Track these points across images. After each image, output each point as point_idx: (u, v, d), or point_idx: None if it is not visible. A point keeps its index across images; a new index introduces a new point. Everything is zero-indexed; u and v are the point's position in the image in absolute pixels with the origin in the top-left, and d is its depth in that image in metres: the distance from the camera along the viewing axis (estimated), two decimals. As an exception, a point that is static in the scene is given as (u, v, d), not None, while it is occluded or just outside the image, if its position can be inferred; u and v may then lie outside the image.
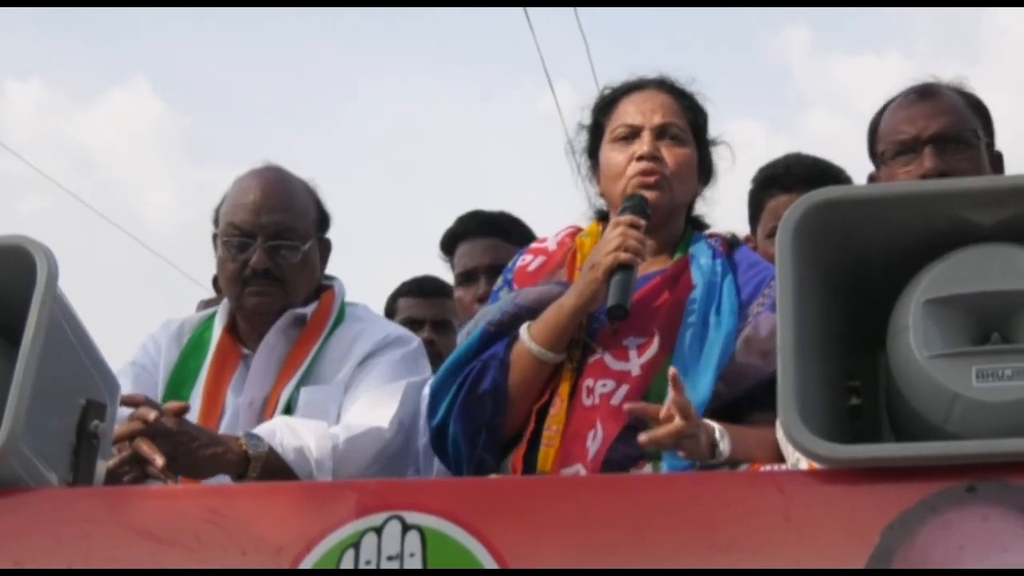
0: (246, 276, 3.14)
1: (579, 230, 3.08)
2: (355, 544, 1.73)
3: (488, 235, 4.05)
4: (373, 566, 1.71)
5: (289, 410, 3.04)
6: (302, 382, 3.10)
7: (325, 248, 3.33)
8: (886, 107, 3.15)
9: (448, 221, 4.21)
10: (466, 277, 4.01)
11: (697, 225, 3.06)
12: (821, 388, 1.78)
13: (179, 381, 3.17)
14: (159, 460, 2.59)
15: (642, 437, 2.51)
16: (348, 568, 1.71)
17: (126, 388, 2.59)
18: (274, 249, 3.14)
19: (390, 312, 4.47)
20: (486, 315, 2.95)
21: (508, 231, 4.04)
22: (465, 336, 2.97)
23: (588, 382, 2.79)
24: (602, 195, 3.04)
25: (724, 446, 2.59)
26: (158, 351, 3.25)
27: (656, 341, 2.81)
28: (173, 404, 2.79)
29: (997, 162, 3.10)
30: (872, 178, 3.14)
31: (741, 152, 3.10)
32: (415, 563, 1.71)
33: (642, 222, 2.80)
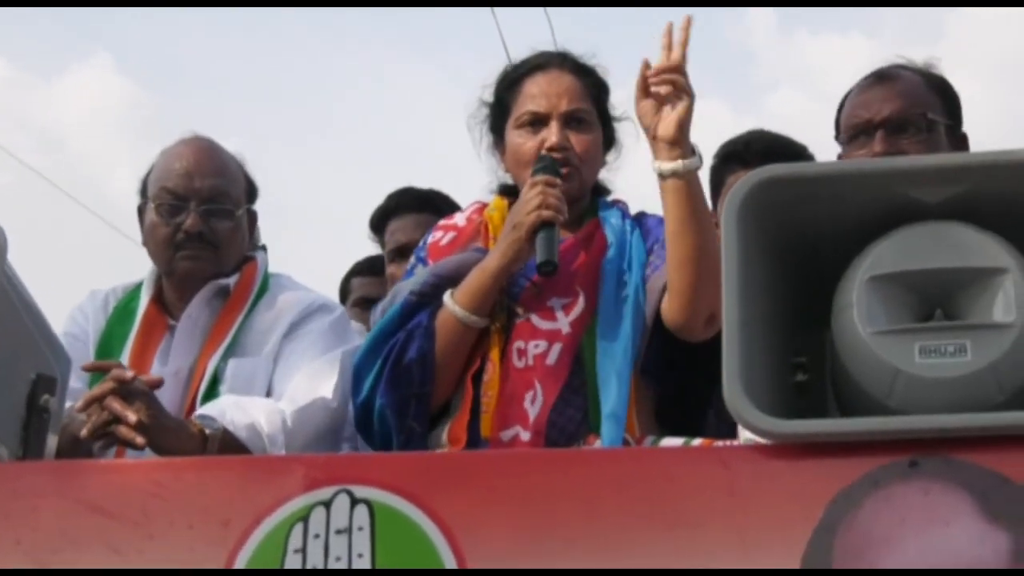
0: (179, 240, 3.10)
1: (485, 205, 3.08)
2: (304, 518, 1.73)
3: (420, 211, 4.04)
4: (322, 539, 1.72)
5: (216, 381, 3.01)
6: (228, 353, 3.06)
7: (253, 218, 3.31)
8: (852, 90, 3.19)
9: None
10: (399, 253, 3.99)
11: (599, 191, 3.08)
12: (767, 364, 1.79)
13: (106, 350, 3.12)
14: (132, 416, 2.55)
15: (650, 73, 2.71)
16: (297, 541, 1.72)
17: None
18: (208, 213, 3.10)
19: (344, 292, 4.46)
20: (404, 288, 2.93)
21: (439, 207, 4.01)
22: (382, 314, 2.95)
23: (519, 344, 2.79)
24: (507, 172, 3.06)
25: (699, 162, 2.73)
26: (87, 320, 3.21)
27: (581, 300, 2.83)
28: (149, 376, 2.77)
29: (961, 144, 3.11)
30: (840, 159, 3.16)
31: (708, 132, 3.12)
32: (364, 536, 1.72)
33: (557, 181, 2.81)
